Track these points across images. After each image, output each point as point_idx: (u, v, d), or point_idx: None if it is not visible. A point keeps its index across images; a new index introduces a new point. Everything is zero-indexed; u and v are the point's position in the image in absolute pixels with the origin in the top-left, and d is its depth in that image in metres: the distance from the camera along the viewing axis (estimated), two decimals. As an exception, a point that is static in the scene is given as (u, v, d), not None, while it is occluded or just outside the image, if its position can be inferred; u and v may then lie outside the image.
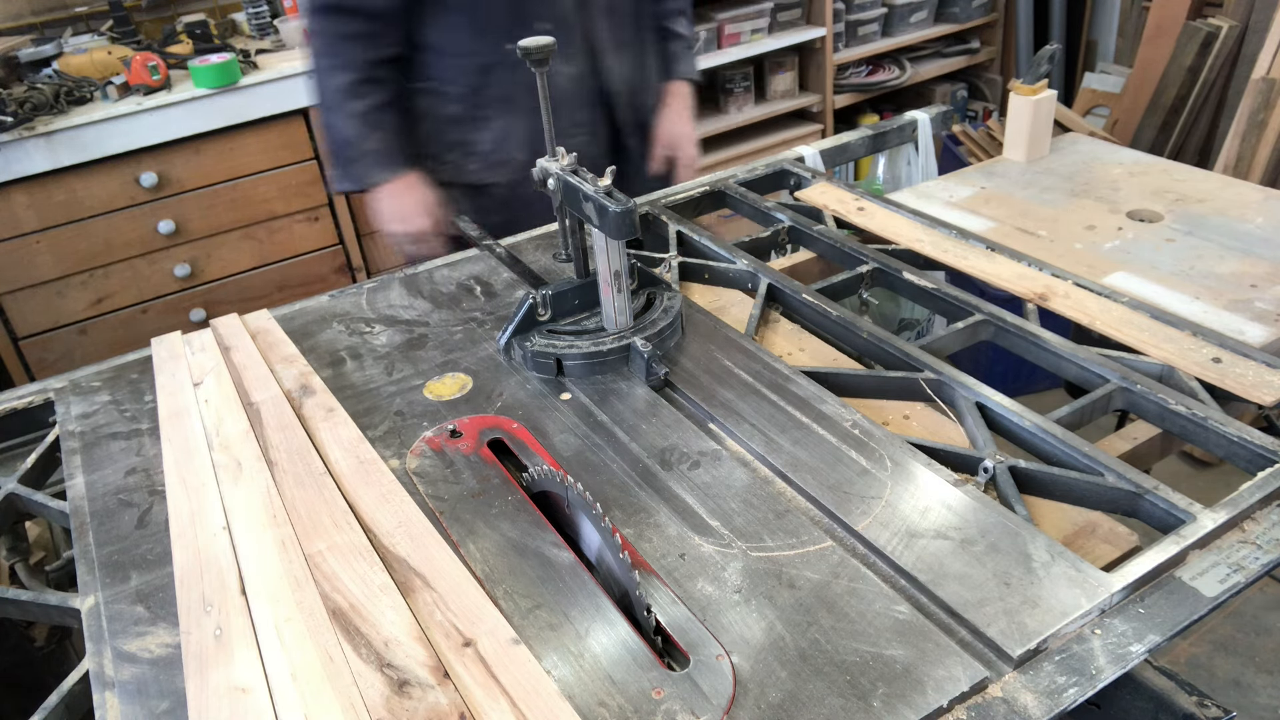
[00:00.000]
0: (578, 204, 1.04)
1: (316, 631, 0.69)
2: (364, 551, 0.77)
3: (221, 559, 0.78)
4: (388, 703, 0.64)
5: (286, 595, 0.73)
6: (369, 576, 0.74)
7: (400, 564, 0.76)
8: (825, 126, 3.61)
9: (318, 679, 0.65)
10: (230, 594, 0.74)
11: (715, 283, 1.32)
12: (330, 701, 0.64)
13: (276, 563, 0.76)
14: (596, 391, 1.05)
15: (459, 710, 0.63)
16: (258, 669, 0.68)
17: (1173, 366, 1.04)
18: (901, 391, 1.05)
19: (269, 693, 0.66)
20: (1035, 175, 1.58)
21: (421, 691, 0.64)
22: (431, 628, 0.70)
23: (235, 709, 0.65)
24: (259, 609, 0.72)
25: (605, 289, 1.08)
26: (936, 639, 0.72)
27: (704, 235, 1.37)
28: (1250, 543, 0.80)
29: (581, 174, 1.05)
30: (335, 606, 0.72)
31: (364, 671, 0.66)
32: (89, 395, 1.12)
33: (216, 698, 0.66)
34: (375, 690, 0.65)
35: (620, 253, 1.06)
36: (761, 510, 0.86)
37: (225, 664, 0.69)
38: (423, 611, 0.72)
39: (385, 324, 1.21)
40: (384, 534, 0.79)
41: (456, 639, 0.69)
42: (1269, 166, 2.72)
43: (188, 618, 0.74)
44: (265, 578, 0.75)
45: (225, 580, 0.76)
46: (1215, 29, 2.95)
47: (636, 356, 1.05)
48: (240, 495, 0.84)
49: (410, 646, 0.68)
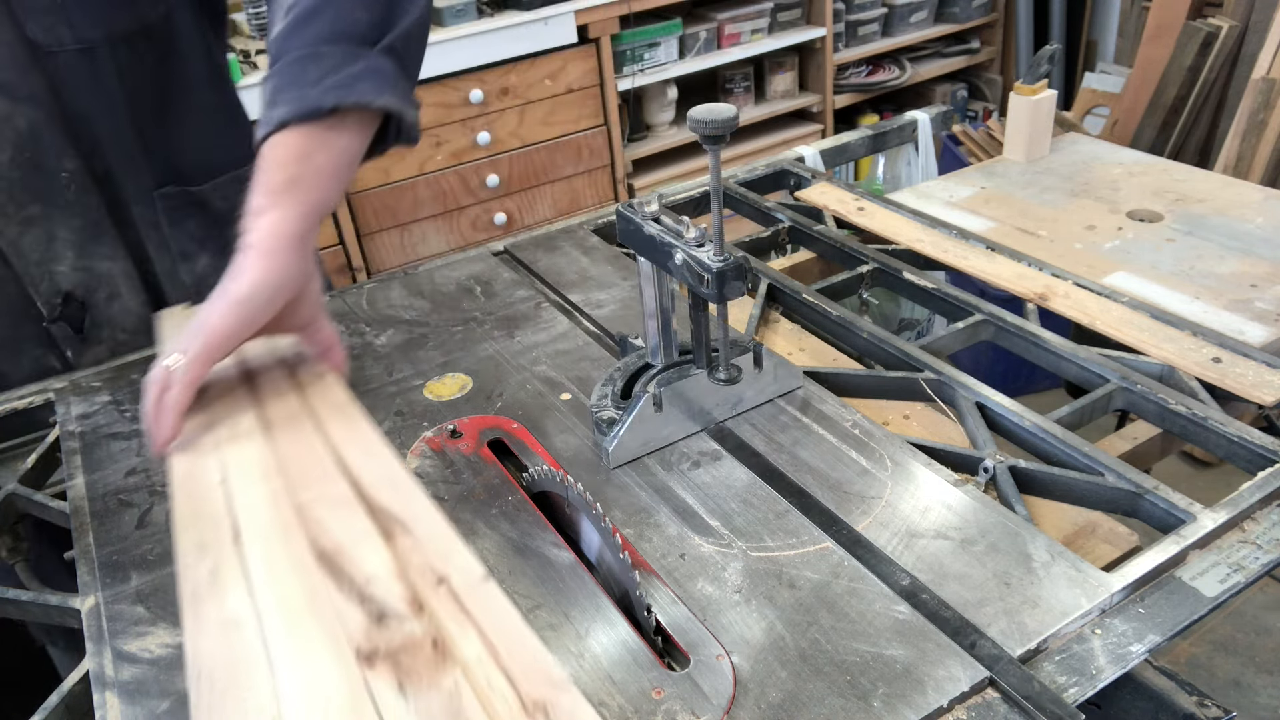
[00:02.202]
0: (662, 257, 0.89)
1: (303, 571, 0.74)
2: (349, 501, 0.81)
3: (217, 507, 0.83)
4: (366, 632, 0.68)
5: (276, 540, 0.78)
6: (353, 523, 0.78)
7: (382, 512, 0.80)
8: (825, 126, 3.61)
9: (302, 611, 0.70)
10: (224, 538, 0.79)
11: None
12: (313, 630, 0.68)
13: (268, 512, 0.81)
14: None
15: (431, 637, 0.67)
16: (248, 604, 0.72)
17: (1173, 366, 1.04)
18: (901, 391, 1.05)
19: (258, 622, 0.70)
20: (1035, 175, 1.58)
21: (398, 622, 0.69)
22: (409, 567, 0.74)
23: (228, 640, 0.70)
24: (250, 552, 0.77)
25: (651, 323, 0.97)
26: (937, 639, 0.72)
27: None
28: (1250, 543, 0.80)
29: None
30: (321, 550, 0.76)
31: (345, 606, 0.70)
32: (89, 395, 1.12)
33: (210, 629, 0.71)
34: (355, 621, 0.69)
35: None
36: (761, 510, 0.86)
37: (219, 601, 0.73)
38: (401, 553, 0.76)
39: (385, 324, 1.22)
40: (369, 485, 0.83)
41: (431, 577, 0.73)
42: (1269, 166, 2.72)
43: (184, 560, 0.78)
44: (258, 525, 0.80)
45: (220, 525, 0.81)
46: (1215, 29, 2.95)
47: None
48: (235, 454, 0.88)
49: (389, 584, 0.72)
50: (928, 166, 1.82)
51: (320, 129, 0.86)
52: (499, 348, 1.15)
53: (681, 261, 0.87)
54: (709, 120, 0.81)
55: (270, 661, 0.67)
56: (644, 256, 0.93)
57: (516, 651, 0.65)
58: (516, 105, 2.96)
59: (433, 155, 2.89)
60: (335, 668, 0.66)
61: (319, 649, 0.67)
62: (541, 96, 2.99)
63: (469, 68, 2.83)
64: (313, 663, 0.66)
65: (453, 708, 0.62)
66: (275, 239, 0.85)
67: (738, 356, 0.96)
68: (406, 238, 2.95)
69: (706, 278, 0.85)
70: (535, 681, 0.63)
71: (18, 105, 1.00)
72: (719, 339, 0.94)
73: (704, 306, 0.93)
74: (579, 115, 3.09)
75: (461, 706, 0.62)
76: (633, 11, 3.04)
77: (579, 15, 2.94)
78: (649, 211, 0.93)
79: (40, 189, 1.04)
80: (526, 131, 3.01)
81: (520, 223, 3.12)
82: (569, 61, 2.99)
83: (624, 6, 3.01)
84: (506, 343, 1.16)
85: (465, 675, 0.65)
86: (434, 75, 2.77)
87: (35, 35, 0.98)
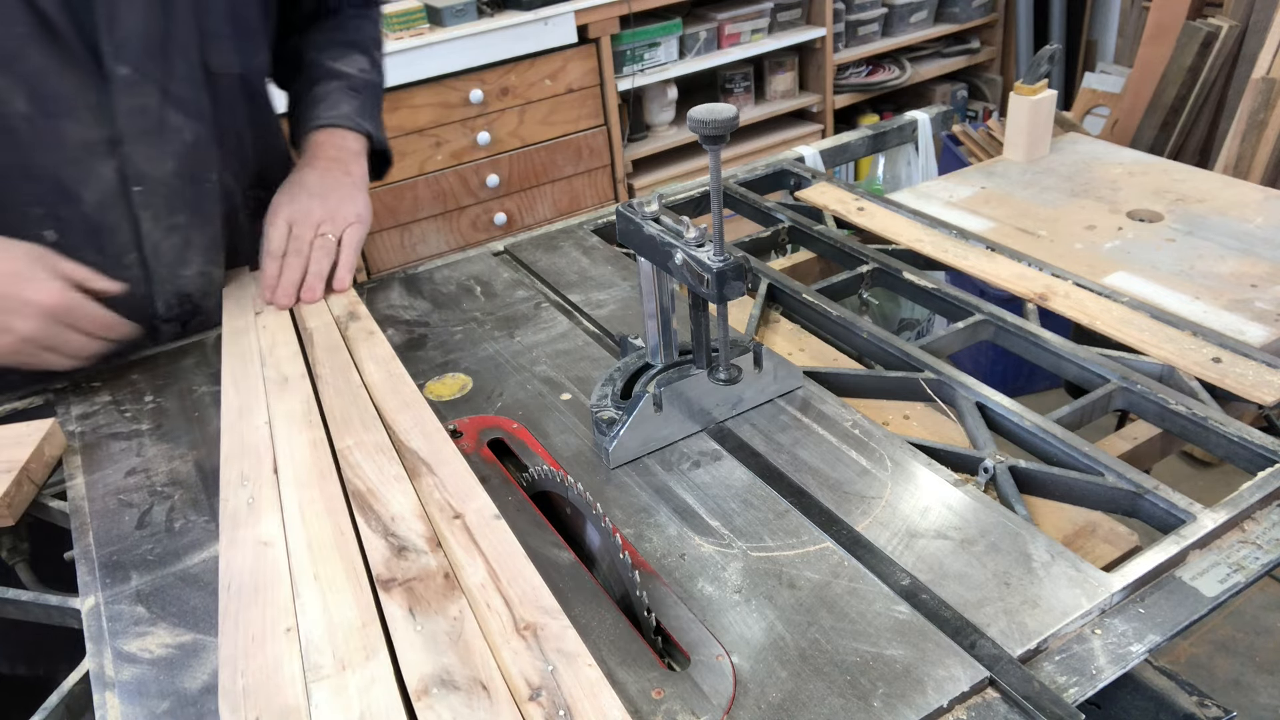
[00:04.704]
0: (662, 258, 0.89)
1: (333, 510, 0.83)
2: (385, 448, 0.91)
3: (260, 446, 0.93)
4: (387, 563, 0.77)
5: (312, 480, 0.87)
6: (386, 467, 0.88)
7: (411, 455, 0.90)
8: (825, 126, 3.61)
9: (329, 544, 0.79)
10: (265, 472, 0.89)
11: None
12: (336, 559, 0.78)
13: (308, 455, 0.91)
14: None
15: (444, 570, 0.76)
16: (279, 530, 0.82)
17: (1173, 366, 1.04)
18: (901, 391, 1.05)
19: (286, 548, 0.80)
20: (1035, 175, 1.58)
21: (416, 555, 0.77)
22: (430, 505, 0.84)
23: (258, 557, 0.79)
24: (286, 488, 0.87)
25: (652, 323, 0.97)
26: (937, 639, 0.72)
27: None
28: (1250, 543, 0.80)
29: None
30: (354, 489, 0.86)
31: (370, 538, 0.80)
32: (89, 395, 1.12)
33: (243, 547, 0.81)
34: (378, 553, 0.78)
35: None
36: (761, 510, 0.86)
37: (254, 525, 0.83)
38: (425, 492, 0.85)
39: (385, 324, 1.21)
40: (402, 432, 0.94)
41: (449, 513, 0.82)
42: (1269, 166, 2.72)
43: (226, 488, 0.88)
44: (296, 466, 0.89)
45: (262, 461, 0.91)
46: (1215, 29, 2.95)
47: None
48: (283, 402, 0.99)
49: (412, 521, 0.81)
50: (928, 166, 1.82)
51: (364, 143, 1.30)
52: (499, 348, 1.15)
53: (681, 261, 0.87)
54: (709, 120, 0.81)
55: (293, 579, 0.77)
56: (644, 256, 0.93)
57: (516, 580, 0.74)
58: (516, 105, 2.96)
59: (433, 155, 2.89)
60: (350, 589, 0.74)
61: (338, 573, 0.76)
62: (541, 96, 2.99)
63: (469, 68, 2.83)
64: (333, 583, 0.75)
65: (454, 630, 0.70)
66: (364, 181, 1.25)
67: (738, 356, 0.96)
68: (406, 238, 2.95)
69: (706, 278, 0.85)
70: (529, 607, 0.72)
71: (188, 120, 1.12)
72: (719, 339, 0.94)
73: (704, 306, 0.93)
74: (579, 115, 3.08)
75: (463, 630, 0.70)
76: (633, 11, 3.04)
77: (579, 15, 2.93)
78: (649, 211, 0.93)
79: (190, 198, 1.16)
80: (526, 131, 3.01)
81: (520, 223, 3.12)
82: (569, 61, 2.99)
83: (624, 6, 3.01)
84: (506, 343, 1.16)
85: (469, 601, 0.73)
86: (434, 75, 2.77)
87: (210, 61, 1.13)
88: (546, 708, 0.64)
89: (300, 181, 1.21)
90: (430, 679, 0.67)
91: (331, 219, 1.19)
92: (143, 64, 1.06)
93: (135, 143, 1.08)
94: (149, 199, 1.12)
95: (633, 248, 0.95)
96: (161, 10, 1.06)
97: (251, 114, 1.24)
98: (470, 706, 0.64)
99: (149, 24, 1.05)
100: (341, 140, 1.26)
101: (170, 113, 1.10)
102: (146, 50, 1.05)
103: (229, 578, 0.77)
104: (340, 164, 1.24)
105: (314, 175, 1.22)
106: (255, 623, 0.73)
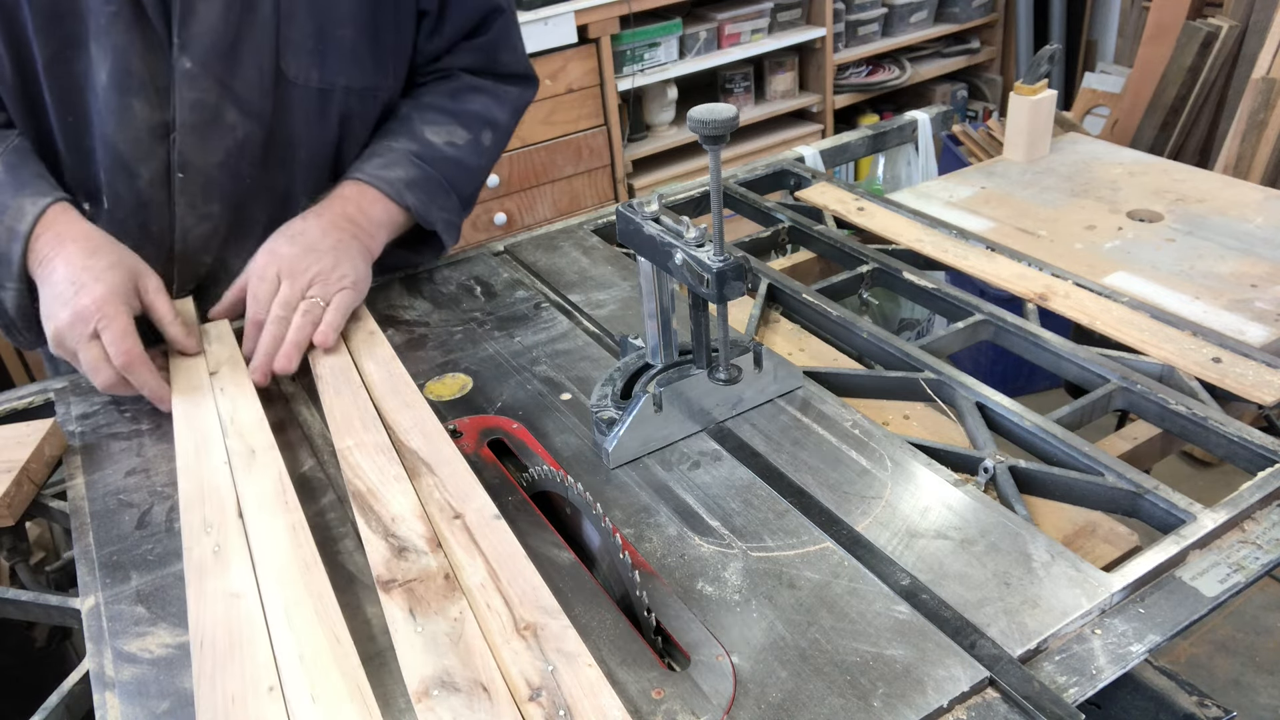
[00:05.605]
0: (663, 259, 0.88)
1: (324, 613, 0.79)
2: (385, 448, 0.92)
3: (223, 488, 0.90)
4: (388, 564, 0.77)
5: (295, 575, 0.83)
6: (386, 468, 0.89)
7: (411, 455, 0.91)
8: (825, 126, 3.61)
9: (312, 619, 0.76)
10: (229, 518, 0.86)
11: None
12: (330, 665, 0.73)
13: (287, 543, 0.87)
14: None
15: (444, 571, 0.76)
16: (250, 577, 0.79)
17: (1173, 366, 1.04)
18: (901, 391, 1.05)
19: (257, 592, 0.77)
20: (1035, 175, 1.58)
21: (416, 556, 0.78)
22: (430, 505, 0.84)
23: (229, 611, 0.76)
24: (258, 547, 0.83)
25: (652, 323, 0.97)
26: (937, 639, 0.72)
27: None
28: (1250, 543, 0.80)
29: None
30: (355, 489, 0.86)
31: (371, 539, 0.80)
32: (89, 395, 1.12)
33: (212, 600, 0.77)
34: (379, 554, 0.78)
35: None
36: (761, 510, 0.86)
37: (221, 574, 0.80)
38: (425, 493, 0.86)
39: (385, 324, 1.21)
40: (402, 432, 0.95)
41: (449, 513, 0.83)
42: (1269, 166, 2.72)
43: (189, 535, 0.85)
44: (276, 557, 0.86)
45: (225, 506, 0.88)
46: (1215, 29, 2.95)
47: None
48: (254, 483, 0.95)
49: (412, 522, 0.82)
50: (928, 166, 1.82)
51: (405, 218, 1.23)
52: (499, 348, 1.15)
53: (681, 261, 0.87)
54: (709, 120, 0.81)
55: (270, 633, 0.74)
56: (644, 256, 0.93)
57: (516, 580, 0.75)
58: (516, 105, 2.96)
59: (433, 155, 2.89)
60: (337, 665, 0.70)
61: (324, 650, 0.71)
62: (541, 96, 2.99)
63: (469, 68, 2.83)
64: (317, 654, 0.71)
65: (455, 631, 0.71)
66: (373, 250, 1.20)
67: (738, 356, 0.96)
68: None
69: (706, 278, 0.85)
70: (530, 607, 0.72)
71: (246, 120, 1.14)
72: (719, 339, 0.94)
73: (704, 306, 0.93)
74: (579, 115, 3.09)
75: (464, 631, 0.70)
76: (633, 11, 3.04)
77: (579, 15, 2.93)
78: (649, 211, 0.93)
79: (228, 192, 1.18)
80: (526, 131, 3.01)
81: (520, 223, 3.12)
82: (569, 61, 2.99)
83: (624, 6, 3.01)
84: (506, 343, 1.16)
85: (469, 601, 0.74)
86: (434, 75, 2.77)
87: (287, 68, 1.14)
88: (546, 708, 0.64)
89: (303, 230, 1.14)
90: (431, 680, 0.67)
91: (324, 280, 1.11)
92: (208, 60, 1.09)
93: (188, 133, 1.12)
94: (188, 186, 1.15)
95: (633, 248, 0.95)
96: (241, 11, 1.08)
97: (340, 131, 1.22)
98: (471, 708, 0.64)
99: (224, 23, 1.08)
100: (369, 203, 1.19)
101: (227, 109, 1.12)
102: (214, 48, 1.08)
103: (200, 634, 0.74)
104: (352, 224, 1.17)
105: (318, 228, 1.14)
106: (234, 681, 0.69)
